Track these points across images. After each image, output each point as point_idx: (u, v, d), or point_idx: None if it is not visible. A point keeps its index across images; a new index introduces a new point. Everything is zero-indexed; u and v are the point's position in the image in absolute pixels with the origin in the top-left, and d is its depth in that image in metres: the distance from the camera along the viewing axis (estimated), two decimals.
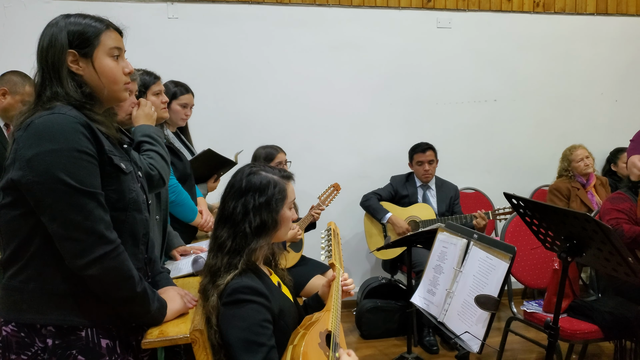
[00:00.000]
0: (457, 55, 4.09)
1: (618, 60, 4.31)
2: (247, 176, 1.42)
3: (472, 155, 4.19)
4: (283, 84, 3.86)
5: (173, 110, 2.41)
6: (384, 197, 3.66)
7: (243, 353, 1.25)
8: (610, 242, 1.64)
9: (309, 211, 3.22)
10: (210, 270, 1.38)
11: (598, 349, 3.18)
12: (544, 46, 4.20)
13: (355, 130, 3.99)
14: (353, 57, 3.93)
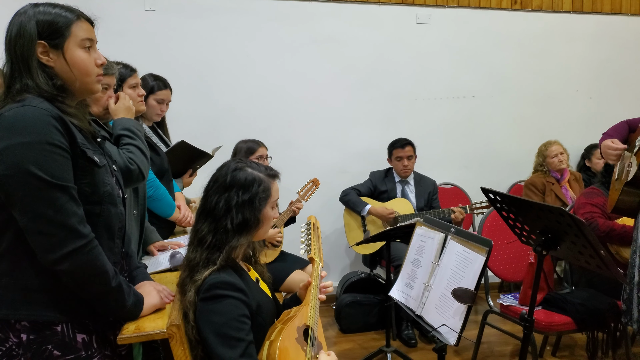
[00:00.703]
0: (436, 51, 4.12)
1: (593, 58, 4.39)
2: (232, 171, 1.40)
3: (450, 151, 4.24)
4: (263, 79, 3.83)
5: (149, 105, 2.37)
6: (363, 192, 3.67)
7: (221, 348, 1.24)
8: (583, 235, 1.68)
9: (288, 206, 3.22)
10: (189, 264, 1.37)
11: (571, 340, 3.26)
12: (521, 43, 4.25)
13: (334, 126, 3.99)
14: (333, 52, 3.93)
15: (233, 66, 3.77)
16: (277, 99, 3.87)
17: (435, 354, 1.72)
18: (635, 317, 2.05)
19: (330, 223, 4.00)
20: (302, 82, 3.90)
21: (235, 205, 1.36)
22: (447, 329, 1.57)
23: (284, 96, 3.88)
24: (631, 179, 1.99)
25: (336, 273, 4.05)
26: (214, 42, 3.72)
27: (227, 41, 3.75)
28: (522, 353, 1.95)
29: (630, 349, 2.61)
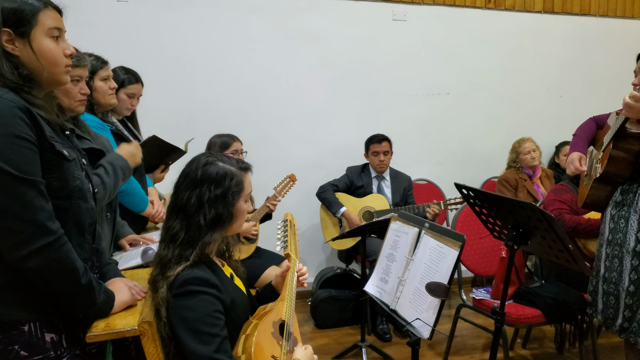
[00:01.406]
0: (412, 48, 4.15)
1: (563, 58, 4.49)
2: (203, 166, 1.37)
3: (425, 147, 4.28)
4: (238, 73, 3.80)
5: (119, 99, 2.32)
6: (340, 187, 3.68)
7: (195, 344, 1.22)
8: (553, 230, 1.71)
9: (264, 202, 3.20)
10: (161, 261, 1.34)
11: (540, 333, 3.34)
12: (495, 42, 4.32)
13: (311, 121, 3.99)
14: (310, 47, 3.92)
15: (208, 60, 3.73)
16: (253, 93, 3.84)
17: (409, 348, 1.73)
18: (600, 308, 2.11)
19: (306, 218, 4.00)
20: (278, 77, 3.88)
21: (208, 200, 1.34)
22: (421, 322, 1.58)
23: (260, 91, 3.85)
24: (599, 176, 2.05)
25: (312, 268, 4.05)
26: (188, 35, 3.67)
27: (202, 34, 3.70)
28: (494, 346, 1.98)
29: (596, 340, 2.68)
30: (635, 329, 1.96)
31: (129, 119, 2.50)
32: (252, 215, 3.13)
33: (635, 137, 1.96)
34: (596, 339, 2.70)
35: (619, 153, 1.98)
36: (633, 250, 1.97)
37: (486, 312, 2.63)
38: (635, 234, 1.97)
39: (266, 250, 3.21)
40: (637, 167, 1.98)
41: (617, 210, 2.06)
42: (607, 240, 2.10)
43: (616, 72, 4.52)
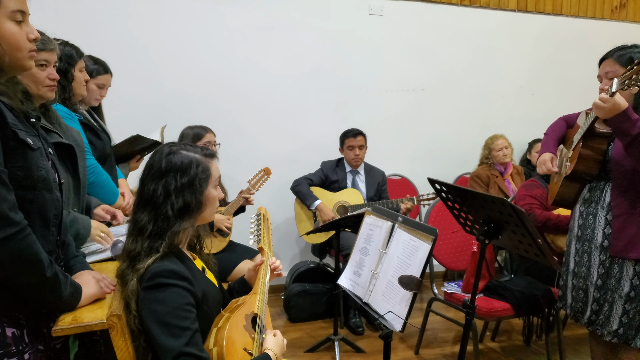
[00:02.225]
0: (388, 43, 4.16)
1: (535, 56, 4.58)
2: (166, 156, 1.35)
3: (399, 143, 4.31)
4: (211, 64, 3.74)
5: (89, 89, 2.28)
6: (315, 182, 3.68)
7: (165, 338, 1.20)
8: (523, 225, 1.75)
9: (237, 195, 3.17)
10: (129, 255, 1.31)
11: (509, 326, 3.41)
12: (469, 39, 4.37)
13: (286, 115, 3.97)
14: (284, 40, 3.89)
15: (180, 50, 3.66)
16: (226, 85, 3.79)
17: (381, 341, 1.74)
18: (569, 302, 2.17)
19: (280, 213, 3.99)
20: (252, 69, 3.84)
21: (175, 189, 1.31)
22: (393, 315, 1.59)
23: (234, 83, 3.81)
24: (569, 174, 2.09)
25: (286, 263, 4.04)
26: (160, 25, 3.59)
27: (174, 24, 3.62)
28: (464, 338, 2.02)
29: (561, 333, 2.76)
30: (602, 322, 2.03)
31: (94, 109, 2.45)
32: (226, 209, 3.10)
33: (603, 137, 2.02)
34: (562, 331, 2.78)
35: (588, 152, 2.02)
36: (600, 245, 2.03)
37: (457, 305, 2.67)
38: (602, 229, 2.02)
39: (239, 244, 3.19)
40: (605, 166, 2.03)
41: (585, 207, 2.11)
42: (577, 236, 2.15)
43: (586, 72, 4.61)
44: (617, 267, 1.98)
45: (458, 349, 2.02)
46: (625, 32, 4.70)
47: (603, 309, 2.03)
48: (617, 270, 1.98)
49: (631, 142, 1.78)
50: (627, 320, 1.96)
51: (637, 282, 1.94)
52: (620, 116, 1.76)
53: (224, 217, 3.00)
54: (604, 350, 2.22)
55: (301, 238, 3.88)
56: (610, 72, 1.96)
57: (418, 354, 2.99)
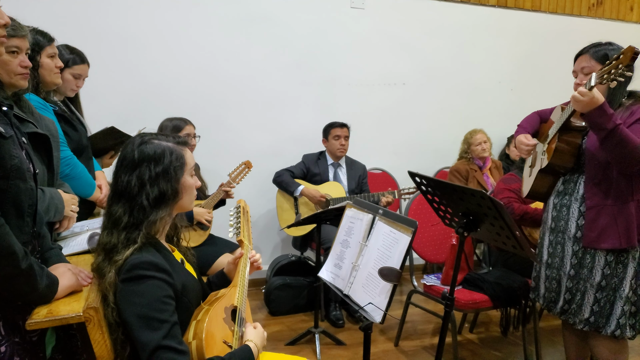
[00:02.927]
0: (370, 36, 4.16)
1: (514, 52, 4.63)
2: (138, 146, 1.33)
3: (380, 137, 4.32)
4: (193, 56, 3.70)
5: (64, 79, 2.22)
6: (296, 174, 3.67)
7: (143, 330, 1.19)
8: (501, 217, 1.77)
9: (218, 188, 3.14)
10: (105, 247, 1.29)
11: (487, 318, 3.47)
12: (450, 34, 4.40)
13: (267, 107, 3.94)
14: (266, 32, 3.86)
15: (161, 41, 3.61)
16: (207, 77, 3.75)
17: (361, 333, 1.75)
18: (542, 292, 2.22)
19: (261, 206, 3.97)
20: (234, 61, 3.80)
21: (149, 179, 1.29)
22: (373, 307, 1.60)
23: (215, 75, 3.77)
24: (545, 167, 2.14)
25: (267, 256, 4.04)
26: (141, 15, 3.53)
27: (155, 14, 3.57)
28: (443, 330, 2.04)
29: (537, 324, 2.82)
30: (575, 310, 2.08)
31: (71, 100, 2.39)
32: (206, 202, 3.07)
33: (578, 130, 2.06)
34: (538, 322, 2.83)
35: (564, 145, 2.07)
36: (574, 236, 2.07)
37: (436, 297, 2.70)
38: (576, 221, 2.07)
39: (219, 238, 3.17)
40: (579, 159, 2.07)
41: (559, 199, 2.16)
42: (550, 227, 2.19)
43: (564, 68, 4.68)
44: (589, 257, 2.03)
45: (437, 341, 2.04)
46: (602, 29, 4.79)
47: (575, 298, 2.08)
48: (589, 260, 2.03)
49: (606, 136, 1.82)
50: (598, 308, 2.02)
51: (608, 272, 2.00)
52: (597, 110, 1.80)
53: (204, 210, 2.98)
54: (576, 338, 2.28)
55: (282, 231, 3.87)
56: (586, 67, 2.00)
57: (398, 346, 3.02)
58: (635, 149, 1.81)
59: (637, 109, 1.95)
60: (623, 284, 1.99)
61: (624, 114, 1.95)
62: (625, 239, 1.95)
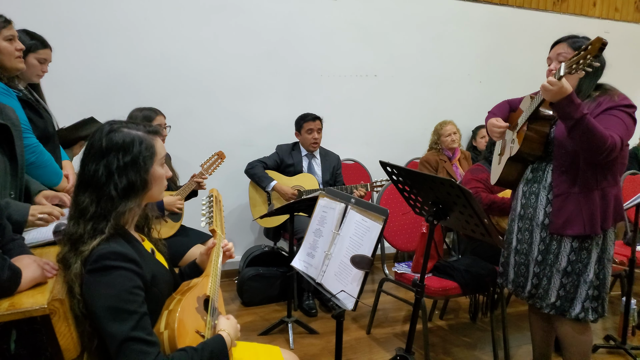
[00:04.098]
0: (341, 28, 4.16)
1: (483, 45, 4.71)
2: (107, 134, 1.29)
3: (352, 128, 4.34)
4: (161, 44, 3.62)
5: (29, 64, 2.15)
6: (270, 165, 3.65)
7: (111, 322, 1.16)
8: (470, 205, 1.81)
9: (190, 179, 3.10)
10: (71, 238, 1.25)
11: (456, 305, 3.55)
12: (419, 26, 4.44)
13: (239, 97, 3.90)
14: (236, 21, 3.81)
15: (129, 29, 3.52)
16: (176, 66, 3.68)
17: (334, 322, 1.77)
18: (511, 278, 2.27)
19: (234, 197, 3.94)
20: (204, 50, 3.75)
21: (117, 169, 1.26)
22: (345, 294, 1.62)
23: (184, 64, 3.70)
24: (513, 155, 2.18)
25: (240, 248, 4.01)
26: (106, 1, 3.43)
27: (122, 1, 3.47)
28: (413, 317, 2.08)
29: (505, 310, 2.89)
30: (541, 295, 2.14)
31: (33, 87, 2.31)
32: (177, 193, 3.03)
33: (547, 119, 2.11)
34: (505, 308, 2.91)
35: (533, 134, 2.11)
36: (541, 223, 2.13)
37: (407, 285, 2.74)
38: (544, 208, 2.12)
39: (192, 229, 3.13)
40: (547, 147, 2.12)
41: (528, 186, 2.20)
42: (519, 215, 2.24)
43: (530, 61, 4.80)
44: (556, 243, 2.09)
45: (408, 328, 2.07)
46: (565, 24, 4.91)
47: (542, 283, 2.14)
48: (555, 246, 2.10)
49: (574, 125, 1.85)
50: (563, 293, 2.09)
51: (574, 258, 2.06)
52: (565, 100, 1.83)
53: (174, 198, 2.93)
54: (542, 323, 2.36)
55: (255, 223, 3.86)
56: (563, 53, 2.03)
57: (370, 334, 3.06)
58: (600, 139, 1.85)
59: (604, 100, 2.01)
60: (587, 269, 2.05)
61: (591, 105, 2.01)
62: (589, 226, 2.01)
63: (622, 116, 1.97)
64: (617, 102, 1.99)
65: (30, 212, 1.60)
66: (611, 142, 1.86)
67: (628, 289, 2.86)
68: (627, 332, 2.91)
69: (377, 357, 2.77)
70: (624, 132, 1.94)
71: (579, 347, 2.17)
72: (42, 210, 1.63)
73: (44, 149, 2.02)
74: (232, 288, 3.71)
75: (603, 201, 2.03)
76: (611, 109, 1.98)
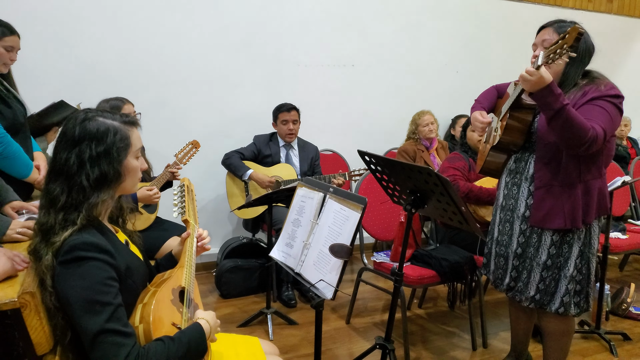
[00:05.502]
0: (319, 18, 4.13)
1: (459, 35, 4.73)
2: (81, 123, 1.25)
3: (330, 118, 4.33)
4: (133, 33, 3.54)
5: None
6: (247, 156, 3.62)
7: (84, 314, 1.13)
8: (447, 193, 1.82)
9: (164, 169, 3.05)
10: (41, 228, 1.21)
11: (435, 293, 3.59)
12: (396, 15, 4.43)
13: (214, 87, 3.85)
14: (211, 9, 3.75)
15: (99, 17, 3.43)
16: (149, 55, 3.61)
17: (313, 312, 1.76)
18: (492, 269, 2.27)
19: (211, 189, 3.90)
20: (178, 39, 3.68)
21: (89, 158, 1.22)
22: (324, 284, 1.61)
23: (158, 52, 3.63)
24: (497, 143, 2.13)
25: (218, 240, 3.98)
26: None
27: None
28: (392, 305, 2.09)
29: (482, 297, 2.94)
30: (521, 288, 2.13)
31: (4, 77, 2.23)
32: (151, 184, 2.97)
33: (529, 108, 2.05)
34: (483, 296, 2.96)
35: (514, 123, 2.06)
36: (522, 215, 2.11)
37: (386, 274, 2.75)
38: (525, 200, 2.10)
39: (167, 221, 3.09)
40: (530, 138, 2.08)
41: (510, 177, 2.18)
42: (501, 205, 2.22)
43: (506, 52, 4.86)
44: (536, 236, 2.07)
45: (387, 317, 2.08)
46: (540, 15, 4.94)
47: (522, 276, 2.13)
48: (535, 239, 2.07)
49: (553, 115, 1.81)
50: (543, 287, 2.07)
51: (554, 251, 2.04)
52: (544, 90, 1.78)
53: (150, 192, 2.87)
54: (523, 314, 2.36)
55: (233, 214, 3.82)
56: (548, 39, 1.97)
57: (349, 324, 3.07)
58: (581, 130, 1.80)
59: (590, 89, 1.94)
60: (568, 264, 2.03)
61: (577, 94, 1.95)
62: (570, 219, 1.98)
63: (607, 107, 1.90)
64: (603, 91, 1.93)
65: (10, 226, 1.59)
66: (592, 134, 1.81)
67: (601, 275, 2.93)
68: (601, 317, 2.98)
69: (356, 347, 2.78)
70: (608, 124, 1.88)
71: (560, 339, 2.19)
72: (24, 224, 1.62)
73: (12, 139, 1.95)
74: (210, 280, 3.68)
75: (586, 194, 1.99)
76: (596, 99, 1.92)
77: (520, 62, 2.11)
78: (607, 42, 5.40)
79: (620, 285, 3.39)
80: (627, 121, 5.21)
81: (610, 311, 3.23)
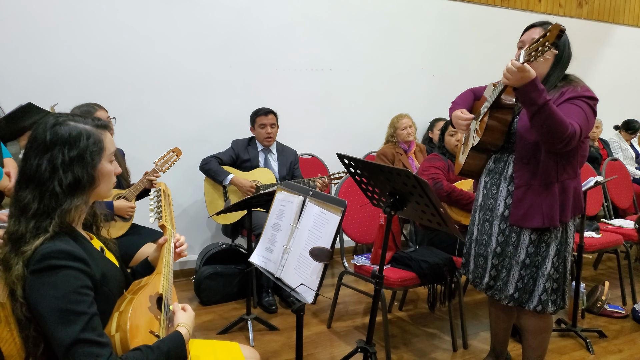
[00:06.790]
0: (297, 22, 4.13)
1: (435, 39, 4.79)
2: (52, 127, 1.21)
3: (309, 122, 4.33)
4: (108, 37, 3.48)
5: None
6: (225, 160, 3.58)
7: (58, 325, 1.09)
8: (426, 195, 1.82)
9: (142, 177, 2.99)
10: (11, 237, 1.17)
11: (415, 295, 3.60)
12: (372, 20, 4.47)
13: (191, 92, 3.81)
14: (188, 13, 3.72)
15: (72, 20, 3.36)
16: (125, 59, 3.55)
17: (294, 317, 1.74)
18: (471, 268, 2.29)
19: (189, 195, 3.85)
20: (154, 44, 3.63)
21: (62, 164, 1.19)
22: (305, 288, 1.60)
23: (134, 57, 3.58)
24: (476, 145, 2.16)
25: (197, 246, 3.93)
26: None
27: None
28: (373, 308, 2.08)
29: (462, 298, 2.96)
30: (500, 287, 2.16)
31: None
32: (128, 191, 2.92)
33: (508, 108, 2.08)
34: (463, 297, 2.98)
35: (494, 123, 2.09)
36: (501, 214, 2.13)
37: (366, 277, 2.75)
38: (504, 199, 2.13)
39: (143, 227, 3.03)
40: (509, 138, 2.11)
41: (490, 177, 2.20)
42: (480, 205, 2.24)
43: (481, 55, 4.94)
44: (515, 235, 2.10)
45: (368, 320, 2.07)
46: (512, 19, 5.08)
47: (501, 275, 2.15)
48: (514, 238, 2.10)
49: (537, 111, 1.84)
50: (522, 285, 2.10)
51: (532, 250, 2.07)
52: (529, 85, 1.81)
53: (126, 204, 2.82)
54: (502, 313, 2.38)
55: (212, 220, 3.78)
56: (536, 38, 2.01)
57: (330, 328, 3.06)
58: (561, 126, 1.84)
59: (567, 90, 2.01)
60: (546, 262, 2.07)
61: (554, 94, 2.00)
62: (548, 218, 2.02)
63: (584, 106, 1.96)
64: (579, 92, 1.99)
65: None
66: (571, 131, 1.86)
67: (577, 274, 2.98)
68: (577, 315, 3.04)
69: (337, 351, 2.77)
70: (584, 122, 1.93)
71: (538, 336, 2.21)
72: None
73: None
74: (189, 287, 3.62)
75: (562, 194, 2.04)
76: (573, 98, 1.98)
77: (496, 65, 2.14)
78: (578, 46, 5.53)
79: (595, 284, 3.46)
80: (599, 123, 5.35)
81: (585, 309, 3.30)
